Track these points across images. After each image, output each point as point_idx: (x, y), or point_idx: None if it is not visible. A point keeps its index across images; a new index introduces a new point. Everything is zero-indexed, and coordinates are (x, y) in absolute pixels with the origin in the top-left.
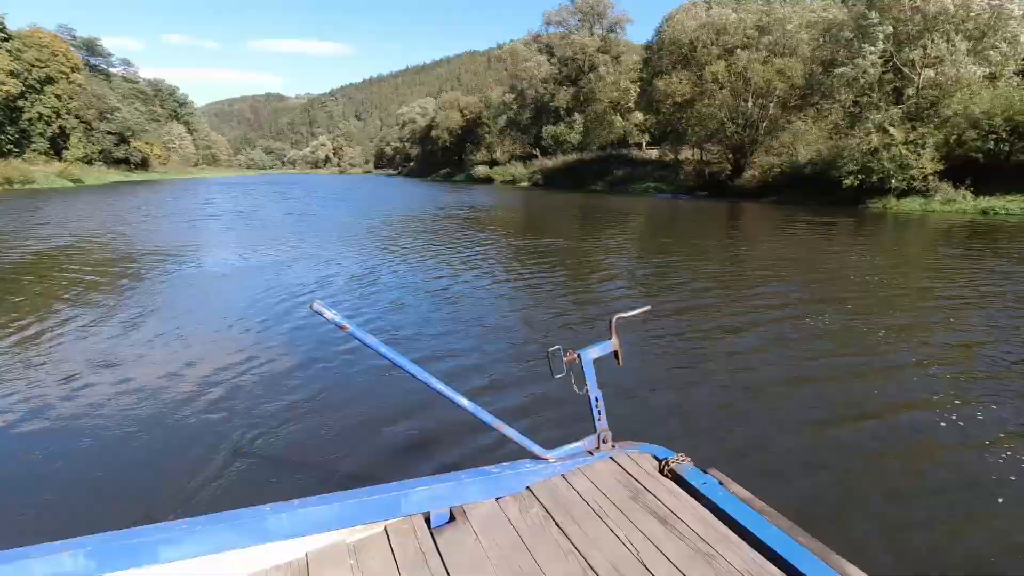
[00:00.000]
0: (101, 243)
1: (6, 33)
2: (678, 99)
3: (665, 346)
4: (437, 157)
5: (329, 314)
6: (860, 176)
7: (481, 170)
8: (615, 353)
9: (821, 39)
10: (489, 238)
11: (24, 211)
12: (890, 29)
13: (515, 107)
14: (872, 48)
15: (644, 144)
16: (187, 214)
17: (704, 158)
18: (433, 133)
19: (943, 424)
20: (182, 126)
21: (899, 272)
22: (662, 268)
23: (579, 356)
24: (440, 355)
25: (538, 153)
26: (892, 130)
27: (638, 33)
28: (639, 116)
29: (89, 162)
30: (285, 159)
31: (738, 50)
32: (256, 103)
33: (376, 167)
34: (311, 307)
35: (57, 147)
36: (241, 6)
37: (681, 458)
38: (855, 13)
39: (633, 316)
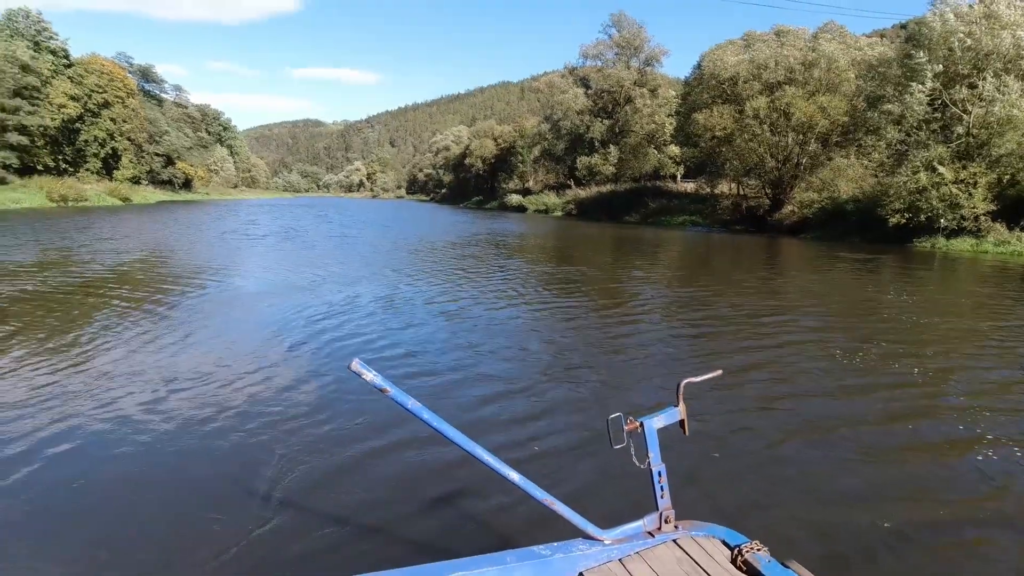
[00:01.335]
0: (160, 261)
1: (69, 60)
2: (718, 133)
3: (727, 405)
4: (469, 184)
5: (369, 375)
6: (907, 214)
7: (514, 198)
8: (681, 422)
9: (867, 75)
10: (531, 268)
11: (80, 228)
12: (939, 68)
13: (550, 137)
14: (920, 87)
15: (679, 177)
16: (234, 234)
17: (742, 192)
18: (467, 161)
19: None
20: (225, 149)
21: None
22: (709, 309)
23: (642, 425)
24: (476, 406)
25: (571, 183)
26: (941, 168)
27: (675, 67)
28: (675, 149)
29: (137, 182)
30: (320, 183)
31: (782, 86)
32: (295, 128)
33: (408, 192)
34: (351, 367)
35: (108, 167)
36: (281, 36)
37: (756, 546)
38: (902, 51)
39: (702, 381)
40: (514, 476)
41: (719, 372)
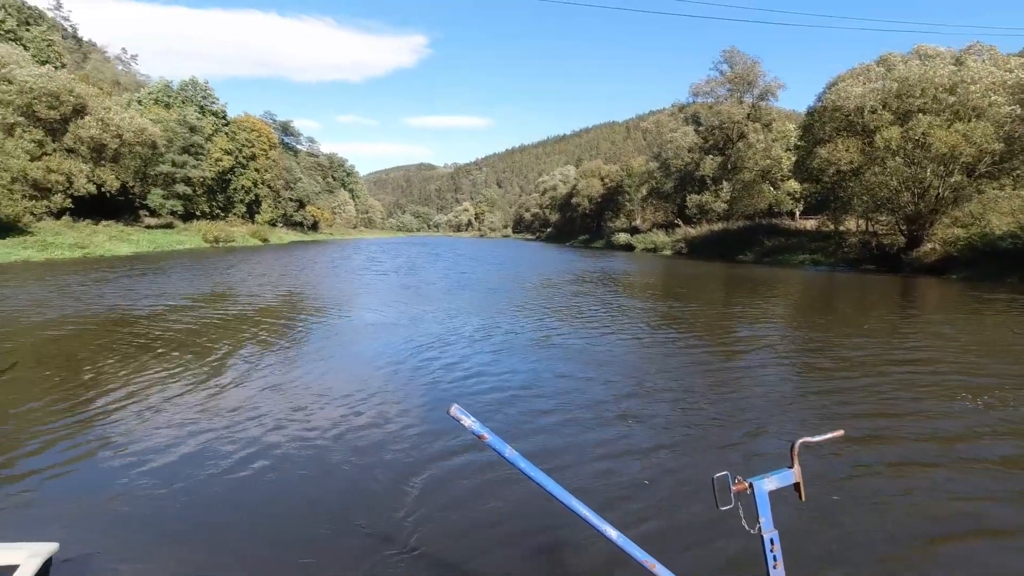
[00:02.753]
0: (304, 295)
1: (226, 119)
2: (843, 167)
3: (848, 469)
4: (576, 223)
5: (467, 421)
6: None
7: (622, 237)
8: (796, 486)
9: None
10: (642, 305)
11: (230, 266)
12: None
13: (658, 175)
14: None
15: (798, 214)
16: (363, 271)
17: (871, 229)
18: (573, 200)
19: None
20: (348, 193)
21: None
22: (832, 353)
23: (751, 486)
24: (570, 449)
25: (680, 221)
26: None
27: (795, 99)
28: (793, 185)
29: (274, 224)
30: (431, 222)
31: (916, 114)
32: (409, 172)
33: (514, 231)
34: (449, 412)
35: (251, 211)
36: (399, 90)
37: None
38: None
39: (820, 442)
40: (612, 533)
41: (840, 433)
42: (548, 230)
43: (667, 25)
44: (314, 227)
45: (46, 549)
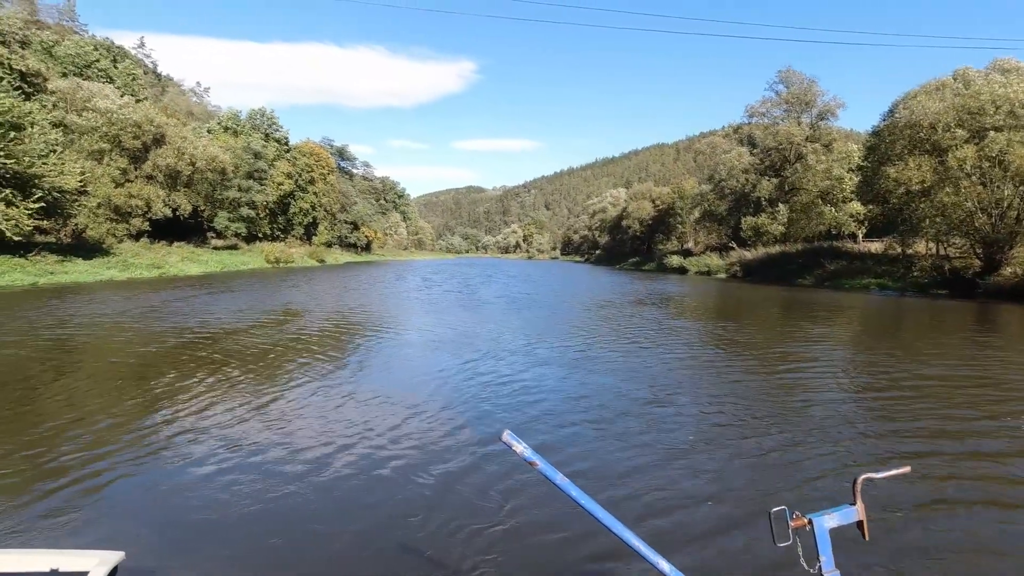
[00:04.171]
0: (365, 315)
1: (288, 145)
2: (913, 187)
3: (912, 505)
4: (626, 246)
5: (519, 447)
6: None
7: (675, 260)
8: (860, 524)
9: None
10: (699, 327)
11: (292, 286)
12: None
13: (712, 197)
14: None
15: (860, 236)
16: (417, 292)
17: (943, 252)
18: (624, 222)
19: None
20: (399, 215)
21: None
22: (899, 379)
23: (811, 522)
24: (621, 476)
25: (735, 244)
26: None
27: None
28: (856, 206)
29: (329, 245)
30: (479, 244)
31: (992, 132)
32: (458, 194)
33: (562, 253)
34: (502, 438)
35: (309, 233)
36: (447, 114)
37: None
38: None
39: (885, 478)
40: (664, 566)
41: (907, 469)
42: (597, 252)
43: (719, 47)
44: (367, 248)
45: (114, 557)
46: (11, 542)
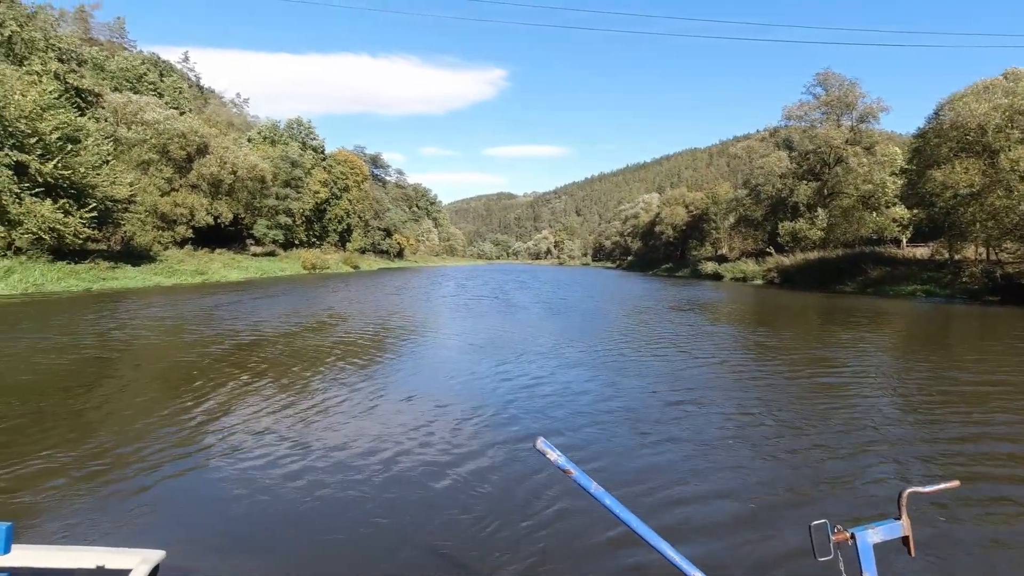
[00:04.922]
0: (404, 320)
1: (324, 154)
2: (961, 191)
3: (961, 521)
4: (659, 252)
5: (553, 455)
6: None
7: (709, 266)
8: (905, 539)
9: None
10: (737, 335)
11: (330, 291)
12: None
13: (747, 202)
14: None
15: (904, 241)
16: (453, 298)
17: (995, 257)
18: (657, 228)
19: None
20: (431, 221)
21: None
22: (952, 392)
23: (853, 536)
24: (656, 488)
25: (771, 250)
26: None
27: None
28: (900, 211)
29: (363, 251)
30: (510, 250)
31: None
32: (489, 201)
33: (594, 260)
34: (535, 446)
35: (343, 239)
36: (479, 121)
37: None
38: None
39: (932, 492)
40: None
41: (955, 483)
42: (629, 258)
43: (751, 49)
44: (399, 255)
45: (155, 556)
46: (63, 539)
